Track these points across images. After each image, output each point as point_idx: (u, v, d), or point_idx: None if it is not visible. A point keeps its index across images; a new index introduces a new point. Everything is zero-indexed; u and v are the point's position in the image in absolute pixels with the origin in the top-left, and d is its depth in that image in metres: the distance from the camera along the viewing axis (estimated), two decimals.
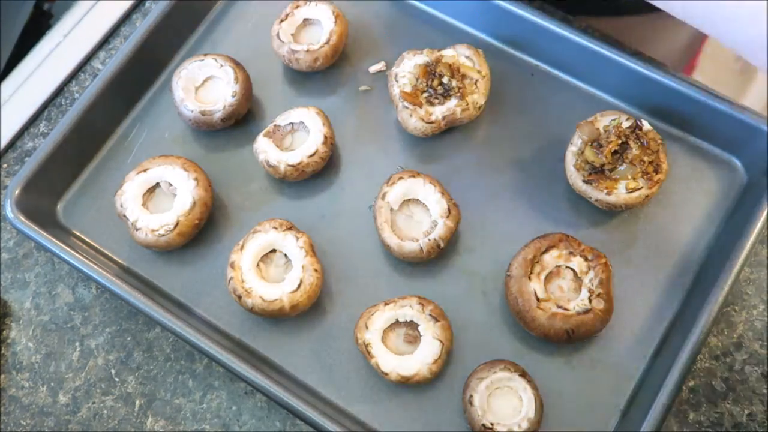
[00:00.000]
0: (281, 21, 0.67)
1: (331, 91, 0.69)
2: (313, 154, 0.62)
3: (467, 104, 0.62)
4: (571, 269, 0.58)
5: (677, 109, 0.63)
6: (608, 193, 0.59)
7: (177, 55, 0.71)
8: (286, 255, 0.60)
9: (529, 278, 0.57)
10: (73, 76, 0.73)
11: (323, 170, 0.65)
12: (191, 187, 0.61)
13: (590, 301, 0.56)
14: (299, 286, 0.57)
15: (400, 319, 0.57)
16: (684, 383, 0.55)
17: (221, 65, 0.65)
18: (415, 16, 0.71)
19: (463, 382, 0.57)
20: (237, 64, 0.66)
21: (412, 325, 0.57)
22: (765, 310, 0.60)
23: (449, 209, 0.59)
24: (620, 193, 0.59)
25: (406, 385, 0.57)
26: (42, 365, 0.62)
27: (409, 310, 0.56)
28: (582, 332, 0.56)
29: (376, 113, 0.67)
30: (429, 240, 0.59)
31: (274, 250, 0.60)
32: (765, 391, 0.58)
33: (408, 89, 0.62)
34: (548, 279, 0.58)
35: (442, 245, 0.59)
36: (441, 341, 0.56)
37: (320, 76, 0.69)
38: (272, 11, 0.71)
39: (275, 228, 0.59)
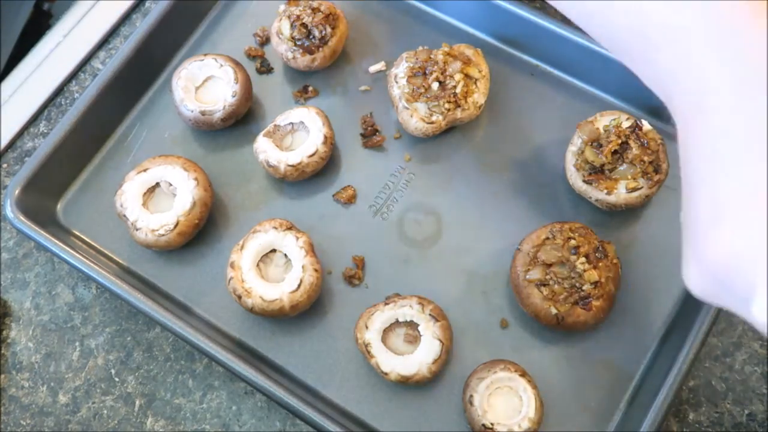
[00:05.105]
0: (281, 19, 0.67)
1: (331, 91, 0.69)
2: (313, 154, 0.62)
3: (467, 104, 0.62)
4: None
5: None
6: (608, 193, 0.59)
7: (177, 55, 0.71)
8: (286, 255, 0.60)
9: (536, 258, 0.57)
10: (73, 76, 0.73)
11: (323, 170, 0.65)
12: (191, 187, 0.61)
13: (590, 295, 0.56)
14: (299, 286, 0.57)
15: (400, 319, 0.57)
16: (684, 383, 0.55)
17: (221, 65, 0.65)
18: (415, 16, 0.71)
19: (463, 382, 0.57)
20: (237, 64, 0.66)
21: (412, 325, 0.57)
22: None
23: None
24: (620, 193, 0.59)
25: (406, 385, 0.57)
26: (42, 365, 0.62)
27: (409, 309, 0.56)
28: (570, 323, 0.56)
29: (376, 113, 0.67)
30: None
31: (274, 250, 0.60)
32: (765, 391, 0.58)
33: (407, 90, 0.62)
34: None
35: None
36: (441, 341, 0.56)
37: (320, 76, 0.69)
38: (272, 10, 0.71)
39: (275, 228, 0.59)
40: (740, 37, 0.35)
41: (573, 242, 0.56)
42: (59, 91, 0.72)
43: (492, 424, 0.53)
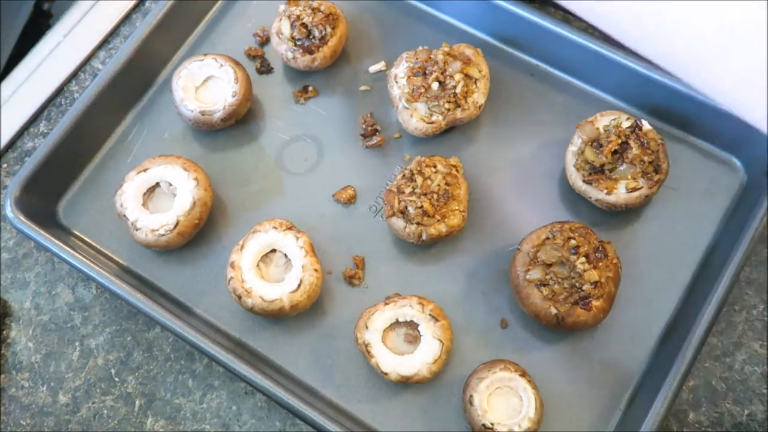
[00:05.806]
0: (281, 19, 0.67)
1: (331, 91, 0.69)
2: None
3: (467, 104, 0.62)
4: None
5: (677, 109, 0.63)
6: (608, 193, 0.59)
7: (177, 55, 0.71)
8: (286, 255, 0.60)
9: (536, 258, 0.57)
10: (73, 76, 0.73)
11: (323, 169, 0.65)
12: (191, 187, 0.61)
13: (590, 295, 0.55)
14: (299, 286, 0.57)
15: (400, 319, 0.57)
16: (684, 383, 0.55)
17: (221, 65, 0.65)
18: (415, 16, 0.71)
19: (463, 382, 0.57)
20: (237, 64, 0.66)
21: (412, 324, 0.57)
22: (765, 310, 0.60)
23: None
24: (620, 193, 0.59)
25: (406, 385, 0.57)
26: (42, 365, 0.62)
27: (409, 309, 0.56)
28: (570, 323, 0.56)
29: (376, 113, 0.67)
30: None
31: (274, 250, 0.60)
32: (765, 391, 0.58)
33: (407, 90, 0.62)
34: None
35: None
36: (441, 341, 0.56)
37: (320, 76, 0.69)
38: (272, 10, 0.71)
39: (275, 228, 0.59)
40: None
41: (573, 242, 0.56)
42: (59, 91, 0.72)
43: (492, 424, 0.53)
